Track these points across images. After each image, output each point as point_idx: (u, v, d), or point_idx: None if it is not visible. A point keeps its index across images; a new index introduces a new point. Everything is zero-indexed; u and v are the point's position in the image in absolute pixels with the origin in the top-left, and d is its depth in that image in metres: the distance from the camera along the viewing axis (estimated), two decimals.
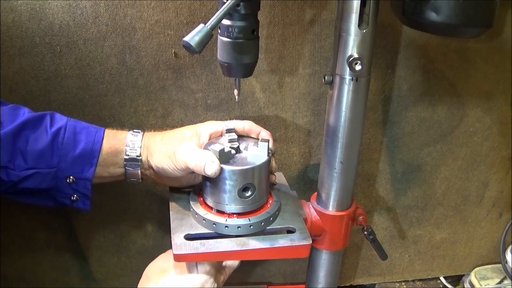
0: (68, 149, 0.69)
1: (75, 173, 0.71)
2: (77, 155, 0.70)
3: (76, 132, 0.70)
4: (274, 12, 0.86)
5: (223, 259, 0.75)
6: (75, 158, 0.70)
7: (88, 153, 0.70)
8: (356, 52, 0.70)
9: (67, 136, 0.69)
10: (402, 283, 1.24)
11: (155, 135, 0.76)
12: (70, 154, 0.69)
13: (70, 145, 0.69)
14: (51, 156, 0.69)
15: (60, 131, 0.69)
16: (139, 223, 1.03)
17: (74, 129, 0.70)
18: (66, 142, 0.69)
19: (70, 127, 0.70)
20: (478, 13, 0.64)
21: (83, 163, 0.70)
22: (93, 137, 0.71)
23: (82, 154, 0.70)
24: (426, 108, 1.00)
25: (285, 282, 1.18)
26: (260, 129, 0.77)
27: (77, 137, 0.70)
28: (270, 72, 0.91)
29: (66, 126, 0.70)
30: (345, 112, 0.75)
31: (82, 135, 0.70)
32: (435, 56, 0.95)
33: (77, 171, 0.70)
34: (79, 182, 0.71)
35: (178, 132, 0.76)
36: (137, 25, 0.83)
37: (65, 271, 1.06)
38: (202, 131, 0.75)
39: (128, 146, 0.72)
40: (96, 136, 0.71)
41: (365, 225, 0.88)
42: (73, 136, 0.70)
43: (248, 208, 0.72)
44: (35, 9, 0.79)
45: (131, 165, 0.73)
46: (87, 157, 0.70)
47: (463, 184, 1.11)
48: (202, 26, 0.59)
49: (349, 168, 0.81)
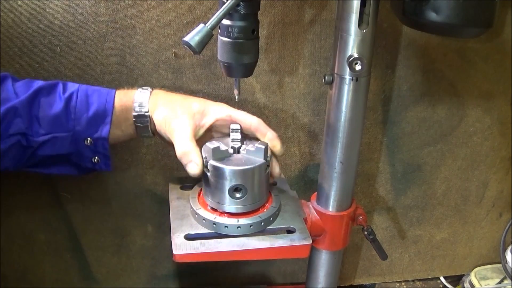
0: (82, 111, 0.71)
1: (92, 134, 0.72)
2: (91, 116, 0.71)
3: (88, 94, 0.72)
4: (274, 12, 0.86)
5: (223, 259, 0.75)
6: (90, 120, 0.71)
7: (101, 113, 0.72)
8: (356, 52, 0.70)
9: (80, 99, 0.71)
10: (402, 283, 1.24)
11: (165, 93, 0.76)
12: (84, 116, 0.71)
13: (83, 107, 0.71)
14: (66, 120, 0.70)
15: (73, 95, 0.71)
16: (139, 223, 1.03)
17: (86, 92, 0.72)
18: (79, 105, 0.71)
19: (82, 91, 0.72)
20: (478, 13, 0.64)
21: (97, 123, 0.72)
22: (105, 98, 0.72)
23: (95, 114, 0.71)
24: (426, 108, 1.00)
25: (285, 282, 1.18)
26: (268, 131, 0.75)
27: (89, 99, 0.72)
28: (270, 72, 0.91)
29: (78, 90, 0.72)
30: (345, 112, 0.75)
31: (94, 97, 0.72)
32: (435, 56, 0.95)
33: (92, 132, 0.72)
34: (97, 143, 0.73)
35: (187, 101, 0.74)
36: (137, 25, 0.83)
37: (65, 271, 1.06)
38: (210, 112, 0.74)
39: (136, 102, 0.73)
40: (107, 96, 0.72)
41: (365, 225, 0.88)
42: (85, 98, 0.72)
43: (246, 208, 0.72)
44: (35, 9, 0.79)
45: (140, 120, 0.73)
46: (101, 117, 0.72)
47: (463, 184, 1.11)
48: (202, 26, 0.59)
49: (349, 168, 0.81)
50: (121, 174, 0.96)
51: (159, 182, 0.98)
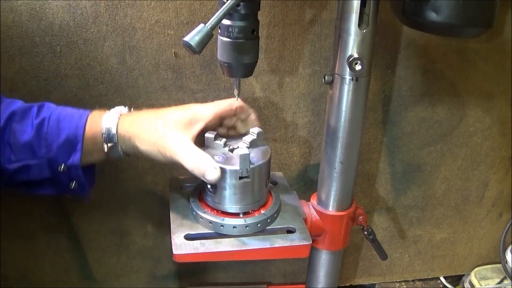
0: (53, 137, 0.68)
1: (64, 161, 0.70)
2: (62, 143, 0.68)
3: (59, 120, 0.69)
4: (274, 12, 0.86)
5: (223, 259, 0.75)
6: (60, 146, 0.69)
7: (71, 139, 0.69)
8: (356, 52, 0.70)
9: (51, 125, 0.69)
10: (402, 283, 1.24)
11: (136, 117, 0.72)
12: (55, 143, 0.68)
13: (54, 134, 0.68)
14: (38, 147, 0.68)
15: (44, 121, 0.69)
16: (139, 223, 1.03)
17: (58, 117, 0.69)
18: (50, 132, 0.68)
19: (54, 116, 0.69)
20: (478, 13, 0.64)
21: (68, 150, 0.69)
22: (76, 123, 0.69)
23: (66, 141, 0.69)
24: (426, 108, 1.00)
25: (285, 282, 1.18)
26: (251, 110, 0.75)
27: (60, 125, 0.69)
28: (270, 72, 0.91)
29: (50, 115, 0.69)
30: (345, 112, 0.75)
31: (65, 122, 0.69)
32: (435, 56, 0.95)
33: (64, 158, 0.69)
34: (71, 170, 0.70)
35: (167, 115, 0.70)
36: (137, 25, 0.83)
37: (65, 271, 1.06)
38: (197, 119, 0.71)
39: (104, 133, 0.70)
40: (79, 122, 0.69)
41: (365, 225, 0.88)
42: (56, 124, 0.69)
43: (246, 208, 0.72)
44: (35, 9, 0.79)
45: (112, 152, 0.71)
46: (71, 144, 0.69)
47: (463, 184, 1.11)
48: (202, 26, 0.59)
49: (349, 168, 0.81)
50: (121, 174, 0.96)
51: (159, 182, 0.98)
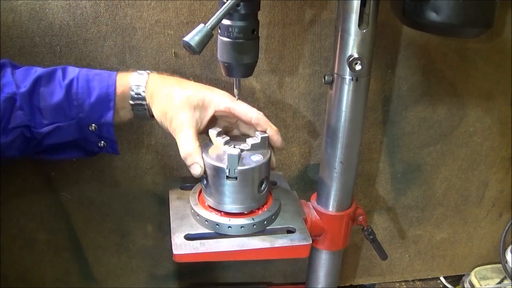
0: (84, 98, 0.70)
1: (96, 120, 0.71)
2: (94, 102, 0.70)
3: (89, 79, 0.71)
4: (274, 12, 0.86)
5: (223, 259, 0.75)
6: (92, 105, 0.70)
7: (104, 97, 0.70)
8: (356, 52, 0.70)
9: (81, 85, 0.70)
10: (402, 283, 1.24)
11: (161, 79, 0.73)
12: (86, 103, 0.70)
13: (85, 93, 0.70)
14: (68, 108, 0.70)
15: (73, 82, 0.70)
16: (139, 223, 1.03)
17: (87, 77, 0.71)
18: (81, 92, 0.70)
19: (82, 76, 0.71)
20: (478, 13, 0.64)
21: (101, 109, 0.71)
22: (107, 82, 0.71)
23: (98, 100, 0.70)
24: (426, 108, 1.00)
25: (285, 282, 1.18)
26: (268, 126, 0.74)
27: (90, 85, 0.70)
28: (270, 72, 0.91)
29: (79, 76, 0.71)
30: (345, 112, 0.75)
31: (96, 82, 0.70)
32: (435, 56, 0.95)
33: (96, 117, 0.71)
34: (102, 128, 0.72)
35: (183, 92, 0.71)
36: (137, 25, 0.83)
37: (65, 271, 1.06)
38: (209, 104, 0.73)
39: (133, 91, 0.71)
40: (109, 80, 0.71)
41: (365, 225, 0.88)
42: (86, 84, 0.70)
43: (246, 208, 0.72)
44: (35, 9, 0.79)
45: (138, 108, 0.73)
46: (104, 102, 0.70)
47: (463, 184, 1.11)
48: (202, 26, 0.59)
49: (349, 168, 0.81)
50: (121, 174, 0.96)
51: (159, 182, 0.98)
